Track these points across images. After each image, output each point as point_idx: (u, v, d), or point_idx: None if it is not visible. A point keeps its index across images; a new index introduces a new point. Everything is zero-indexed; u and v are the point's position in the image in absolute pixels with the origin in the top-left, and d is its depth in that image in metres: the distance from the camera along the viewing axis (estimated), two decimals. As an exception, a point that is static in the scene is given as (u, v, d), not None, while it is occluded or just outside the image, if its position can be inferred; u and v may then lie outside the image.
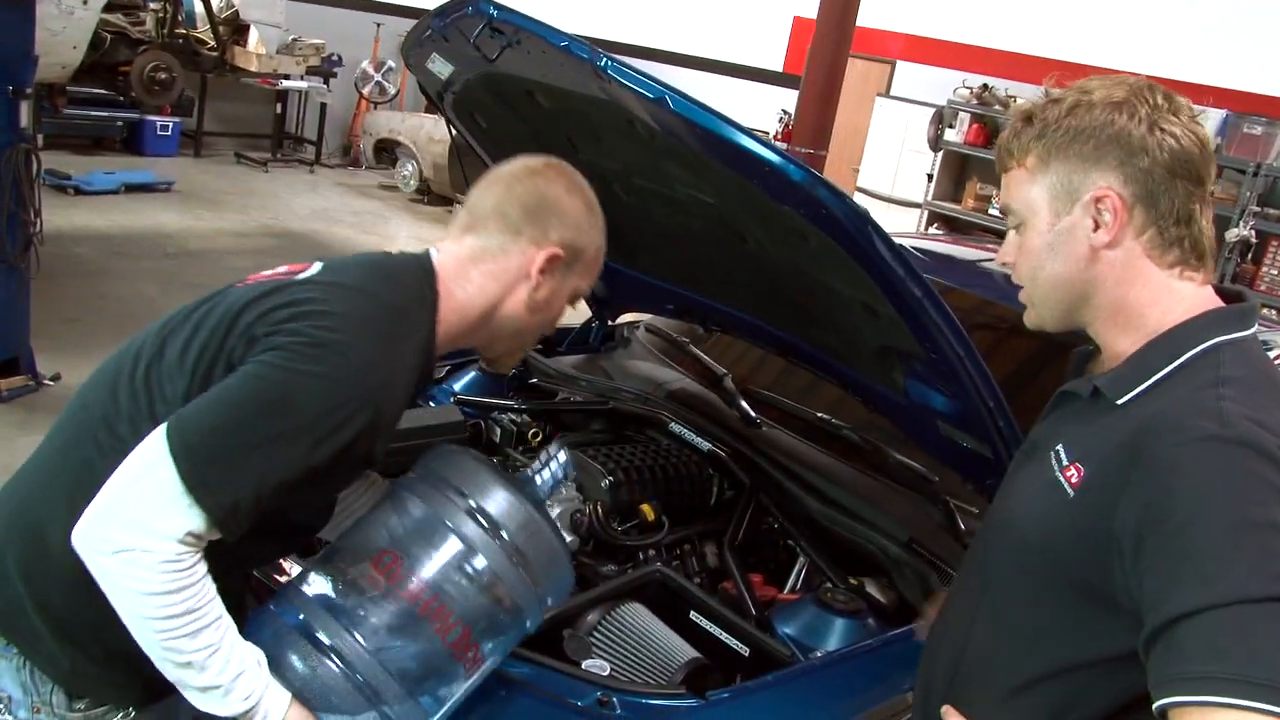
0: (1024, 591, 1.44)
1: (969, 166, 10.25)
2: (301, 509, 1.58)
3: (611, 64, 1.86)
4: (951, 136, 9.91)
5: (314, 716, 1.45)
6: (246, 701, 1.40)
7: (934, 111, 9.92)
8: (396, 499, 1.61)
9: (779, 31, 12.13)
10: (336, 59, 12.20)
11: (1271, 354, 3.80)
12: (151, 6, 10.64)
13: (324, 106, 12.18)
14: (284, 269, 1.62)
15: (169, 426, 1.37)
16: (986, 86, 9.68)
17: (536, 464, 1.72)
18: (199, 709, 1.41)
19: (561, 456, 1.72)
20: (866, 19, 8.54)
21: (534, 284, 1.66)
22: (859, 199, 10.40)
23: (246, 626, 1.49)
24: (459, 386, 3.07)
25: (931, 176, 10.20)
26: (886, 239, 1.75)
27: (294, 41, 11.51)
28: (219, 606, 1.41)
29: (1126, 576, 1.26)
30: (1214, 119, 8.43)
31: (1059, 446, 1.42)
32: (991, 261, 3.96)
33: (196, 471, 1.35)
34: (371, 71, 12.42)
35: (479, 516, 1.55)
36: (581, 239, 1.69)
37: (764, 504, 2.54)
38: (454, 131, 2.78)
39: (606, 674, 1.87)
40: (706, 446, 2.65)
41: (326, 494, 1.65)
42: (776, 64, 12.15)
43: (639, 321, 3.64)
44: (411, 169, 11.16)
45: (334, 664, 1.46)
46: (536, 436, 2.81)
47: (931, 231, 9.26)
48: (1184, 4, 9.55)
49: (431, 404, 3.00)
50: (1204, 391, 1.29)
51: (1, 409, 4.88)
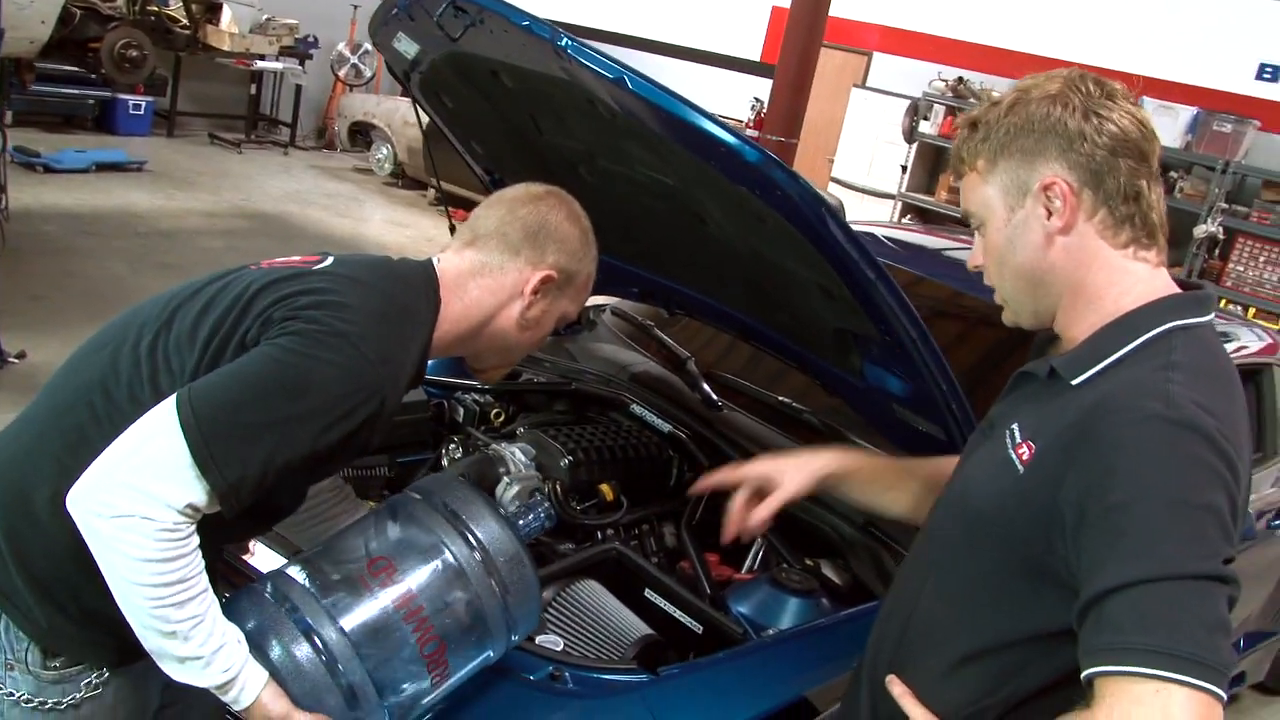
0: (971, 565, 1.48)
1: (943, 158, 10.29)
2: (284, 492, 1.60)
3: (571, 43, 1.86)
4: (926, 128, 9.96)
5: (286, 697, 1.46)
6: (225, 674, 1.42)
7: (909, 103, 9.96)
8: (396, 512, 1.66)
9: (757, 21, 12.14)
10: (313, 41, 12.14)
11: (1231, 346, 3.85)
12: (123, -18, 10.55)
13: (299, 88, 12.12)
14: (298, 259, 1.67)
15: (179, 398, 1.39)
16: (962, 79, 9.72)
17: (524, 508, 1.80)
18: (175, 678, 1.43)
19: (546, 505, 1.81)
20: (844, 10, 8.58)
21: (527, 302, 1.74)
22: (834, 189, 10.46)
23: (229, 605, 1.51)
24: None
25: (906, 168, 10.25)
26: (840, 220, 1.77)
27: (268, 21, 11.42)
28: (206, 580, 1.43)
29: (1066, 550, 1.30)
30: (1184, 116, 8.51)
31: (1013, 425, 1.46)
32: (961, 250, 3.99)
33: (207, 445, 1.37)
34: (347, 54, 12.35)
35: (473, 543, 1.61)
36: (575, 264, 1.78)
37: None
38: (420, 111, 2.78)
39: (559, 649, 1.89)
40: (667, 428, 2.67)
41: (317, 479, 1.71)
42: (754, 53, 12.17)
43: (605, 305, 3.65)
44: (386, 152, 11.12)
45: (314, 651, 1.48)
46: (499, 417, 2.82)
47: (904, 222, 9.30)
48: (1157, 2, 9.62)
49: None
50: (1154, 374, 1.32)
51: (-35, 385, 4.85)
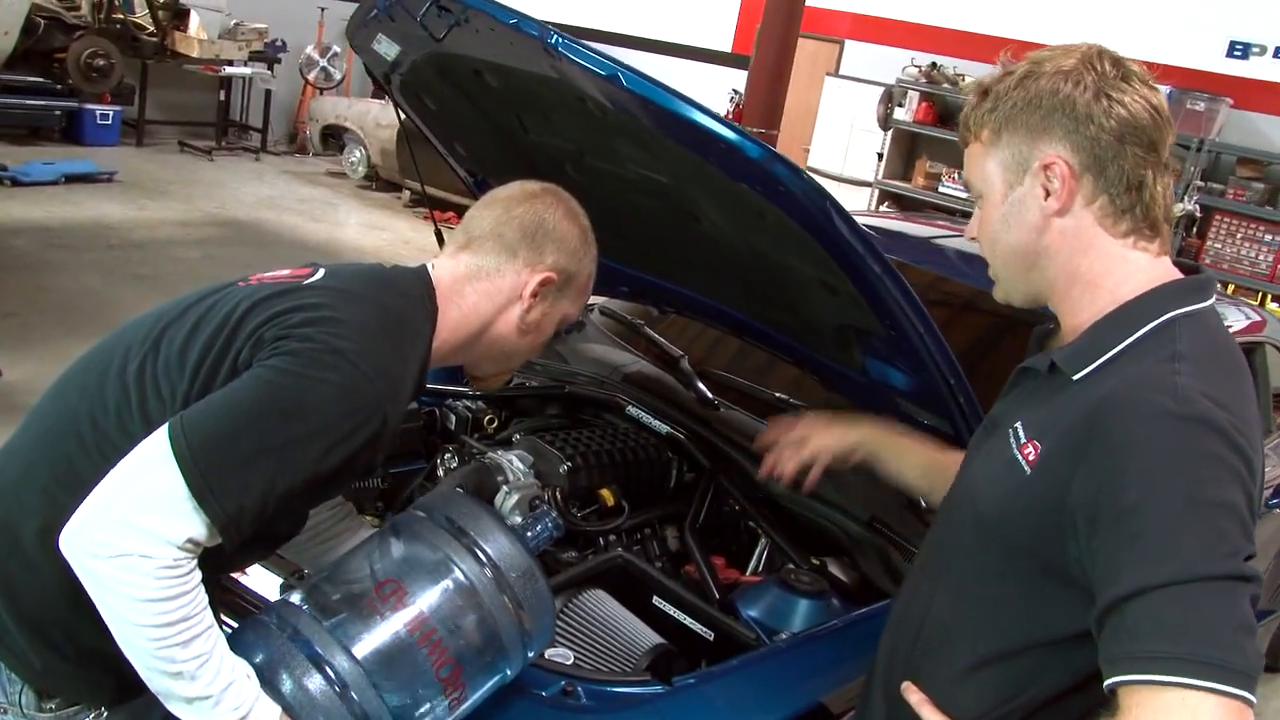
0: (982, 568, 1.44)
1: (919, 144, 10.31)
2: (285, 518, 1.53)
3: (562, 41, 1.82)
4: (901, 115, 9.96)
5: None
6: (236, 712, 1.36)
7: (883, 90, 9.96)
8: (401, 532, 1.61)
9: (727, 12, 12.10)
10: (281, 44, 12.02)
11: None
12: (86, -10, 10.40)
13: (269, 93, 12.00)
14: (286, 272, 1.60)
15: (172, 429, 1.33)
16: (935, 65, 9.73)
17: (531, 519, 1.76)
18: (182, 719, 1.37)
19: (553, 514, 1.78)
20: (815, -2, 8.55)
21: (526, 306, 1.69)
22: (811, 179, 10.50)
23: (235, 639, 1.45)
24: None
25: (882, 155, 10.24)
26: (845, 215, 1.73)
27: (236, 26, 11.29)
28: (210, 615, 1.37)
29: (1081, 553, 1.26)
30: (1158, 94, 8.51)
31: (1017, 424, 1.42)
32: (943, 238, 3.96)
33: (204, 477, 1.31)
34: (316, 57, 12.24)
35: (483, 559, 1.56)
36: (575, 264, 1.72)
37: (724, 486, 2.52)
38: (401, 114, 2.72)
39: (570, 663, 1.85)
40: (665, 429, 2.63)
41: (319, 503, 1.63)
42: (725, 44, 12.13)
43: (592, 304, 3.60)
44: (359, 155, 11.02)
45: (327, 682, 1.43)
46: (492, 423, 2.77)
47: (883, 210, 9.30)
48: (1127, -19, 9.64)
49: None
50: (1159, 367, 1.28)
51: (-60, 406, 4.76)
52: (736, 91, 10.71)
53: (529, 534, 1.70)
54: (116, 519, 1.30)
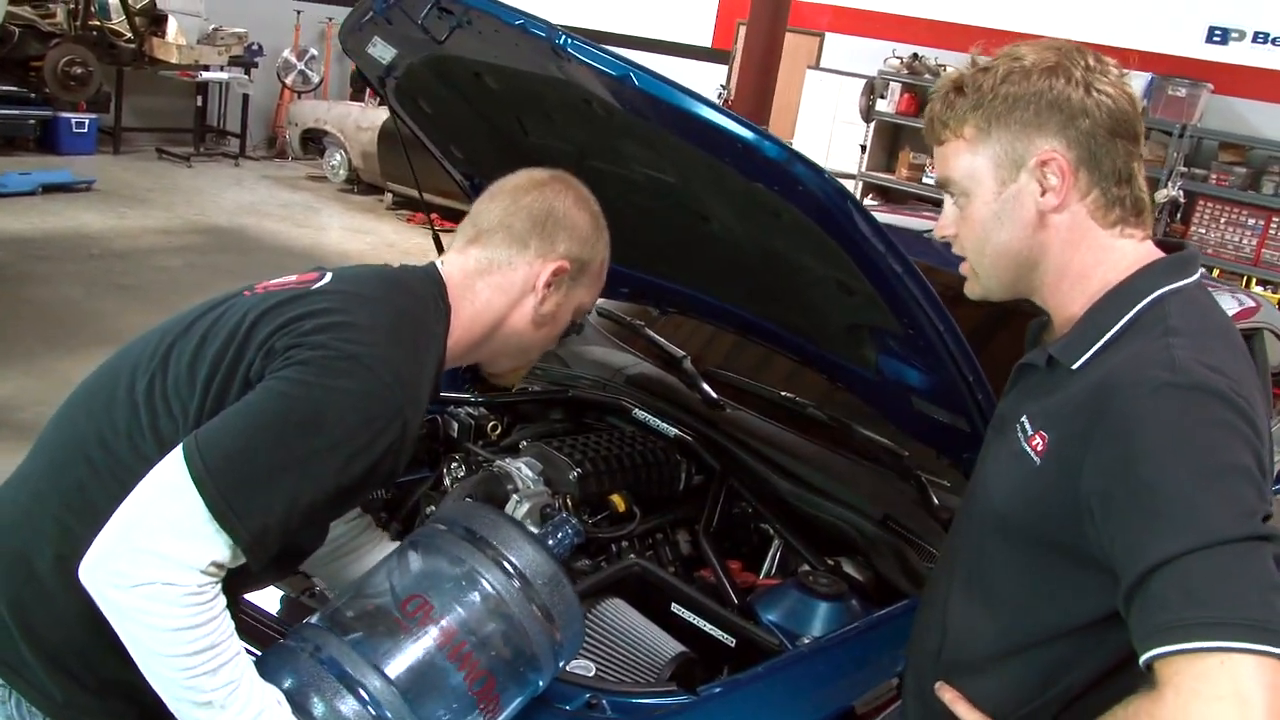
0: (1004, 562, 1.45)
1: (901, 136, 10.32)
2: (307, 532, 1.49)
3: (571, 41, 1.78)
4: (883, 107, 9.96)
5: None
6: None
7: (865, 82, 9.94)
8: (423, 546, 1.58)
9: (707, 7, 12.07)
10: (257, 48, 11.92)
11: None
12: (61, -2, 10.29)
13: (246, 97, 11.90)
14: (293, 278, 1.56)
15: (187, 449, 1.29)
16: (916, 56, 9.73)
17: (551, 527, 1.73)
18: None
19: (572, 520, 1.74)
20: (795, -8, 8.52)
21: (540, 297, 1.64)
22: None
23: (262, 665, 1.41)
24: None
25: (865, 147, 10.24)
26: (866, 214, 1.71)
27: (215, 31, 11.20)
28: (237, 641, 1.34)
29: (1099, 535, 1.26)
30: (1139, 82, 8.53)
31: (1023, 418, 1.43)
32: (930, 231, 3.93)
33: (224, 497, 1.27)
34: (294, 60, 12.14)
35: (509, 569, 1.53)
36: (588, 251, 1.68)
37: (736, 488, 2.49)
38: (398, 119, 2.68)
39: (592, 675, 1.82)
40: (673, 432, 2.59)
41: (341, 514, 1.59)
42: (705, 40, 12.11)
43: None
44: (340, 158, 10.95)
45: (360, 704, 1.39)
46: (496, 429, 2.73)
47: (867, 202, 9.29)
48: (1106, -32, 9.66)
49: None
50: (1154, 343, 1.30)
51: (-76, 424, 4.68)
52: (724, 87, 10.69)
53: (551, 542, 1.67)
54: (137, 547, 1.26)
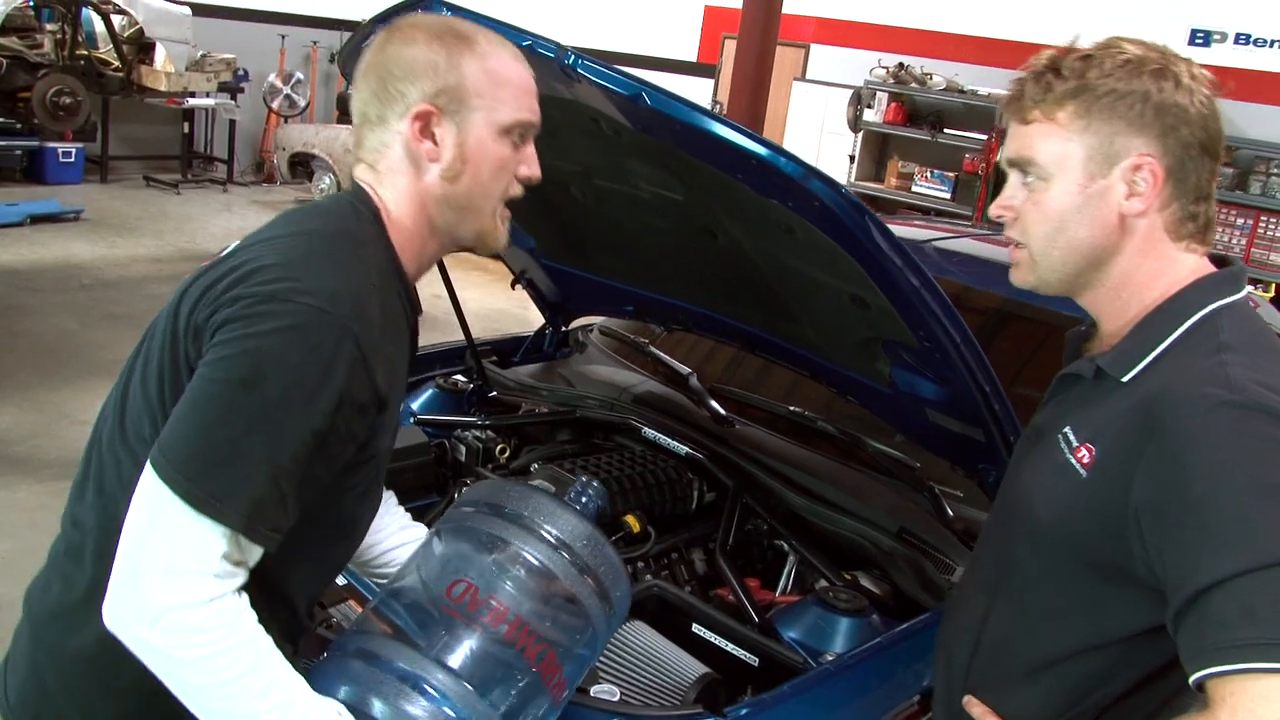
0: (1042, 575, 1.43)
1: (890, 145, 10.32)
2: (333, 495, 1.41)
3: (581, 61, 1.77)
4: (871, 116, 9.97)
5: None
6: None
7: (852, 93, 9.97)
8: (455, 531, 1.56)
9: (691, 21, 12.10)
10: (243, 73, 11.90)
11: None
12: (49, 28, 10.24)
13: (233, 123, 11.88)
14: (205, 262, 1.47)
15: (153, 458, 1.25)
16: (902, 65, 9.74)
17: (573, 490, 1.69)
18: None
19: (583, 478, 1.71)
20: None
21: (428, 153, 1.45)
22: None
23: (313, 678, 1.36)
24: (417, 405, 2.98)
25: (853, 157, 10.24)
26: (884, 229, 1.70)
27: (204, 57, 11.18)
28: (281, 659, 1.29)
29: (1147, 552, 1.25)
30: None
31: (1066, 429, 1.41)
32: (924, 240, 3.91)
33: (198, 485, 1.22)
34: (280, 84, 12.13)
35: (547, 537, 1.51)
36: (445, 77, 1.44)
37: (750, 504, 2.47)
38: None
39: (617, 699, 1.80)
40: (684, 450, 2.58)
41: (343, 461, 1.40)
42: (691, 54, 12.13)
43: (591, 325, 3.56)
44: (329, 181, 10.91)
45: (427, 701, 1.35)
46: (504, 452, 2.72)
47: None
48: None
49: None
50: (1207, 359, 1.29)
51: (-81, 459, 4.65)
52: (717, 102, 10.71)
53: (581, 502, 1.65)
54: (142, 572, 1.23)
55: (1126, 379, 1.35)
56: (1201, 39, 9.42)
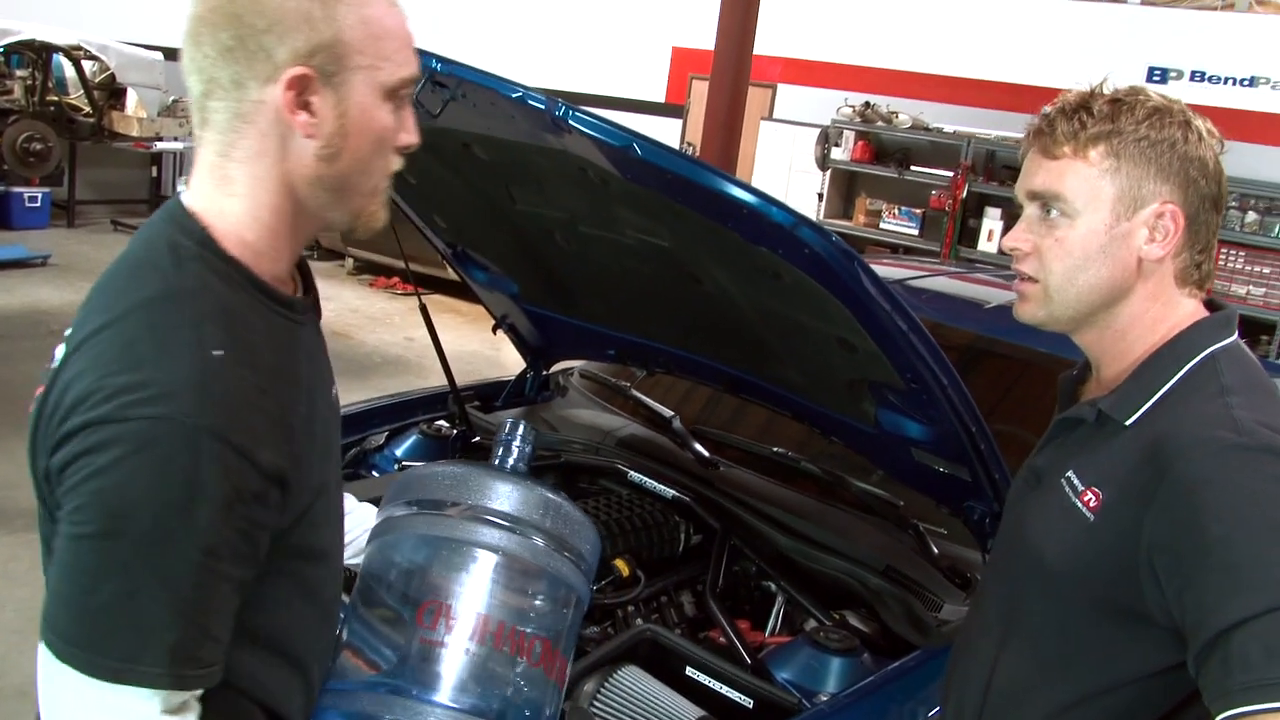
0: (1052, 618, 1.44)
1: (857, 183, 10.43)
2: (272, 598, 1.24)
3: (571, 112, 1.80)
4: (838, 155, 10.08)
5: None
6: None
7: (819, 132, 10.08)
8: (401, 539, 1.43)
9: (659, 62, 12.23)
10: (212, 117, 11.89)
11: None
12: (19, 74, 10.21)
13: (201, 166, 11.83)
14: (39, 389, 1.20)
15: (44, 639, 1.09)
16: (868, 104, 9.87)
17: (499, 446, 1.54)
18: None
19: (520, 427, 1.53)
20: (748, 46, 8.64)
21: (303, 128, 1.18)
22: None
23: None
24: (401, 452, 2.97)
25: (822, 195, 10.34)
26: (872, 275, 1.72)
27: (175, 103, 11.17)
28: None
29: (1163, 594, 1.26)
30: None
31: (1069, 473, 1.42)
32: (901, 278, 3.96)
33: (101, 654, 1.06)
34: (248, 127, 12.11)
35: (495, 519, 1.39)
36: (322, 31, 1.15)
37: (738, 546, 2.49)
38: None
39: (615, 745, 1.80)
40: (671, 493, 2.59)
41: (264, 546, 1.18)
42: (659, 95, 12.25)
43: (571, 368, 3.57)
44: (298, 223, 10.88)
45: None
46: (491, 497, 2.71)
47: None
48: (1051, 14, 9.91)
49: (375, 474, 2.89)
50: (1211, 402, 1.31)
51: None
52: (689, 144, 10.81)
53: (510, 463, 1.51)
54: None
55: (1129, 422, 1.37)
56: (1159, 76, 9.64)
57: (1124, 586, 1.31)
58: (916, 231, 9.70)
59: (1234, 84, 9.23)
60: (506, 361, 7.76)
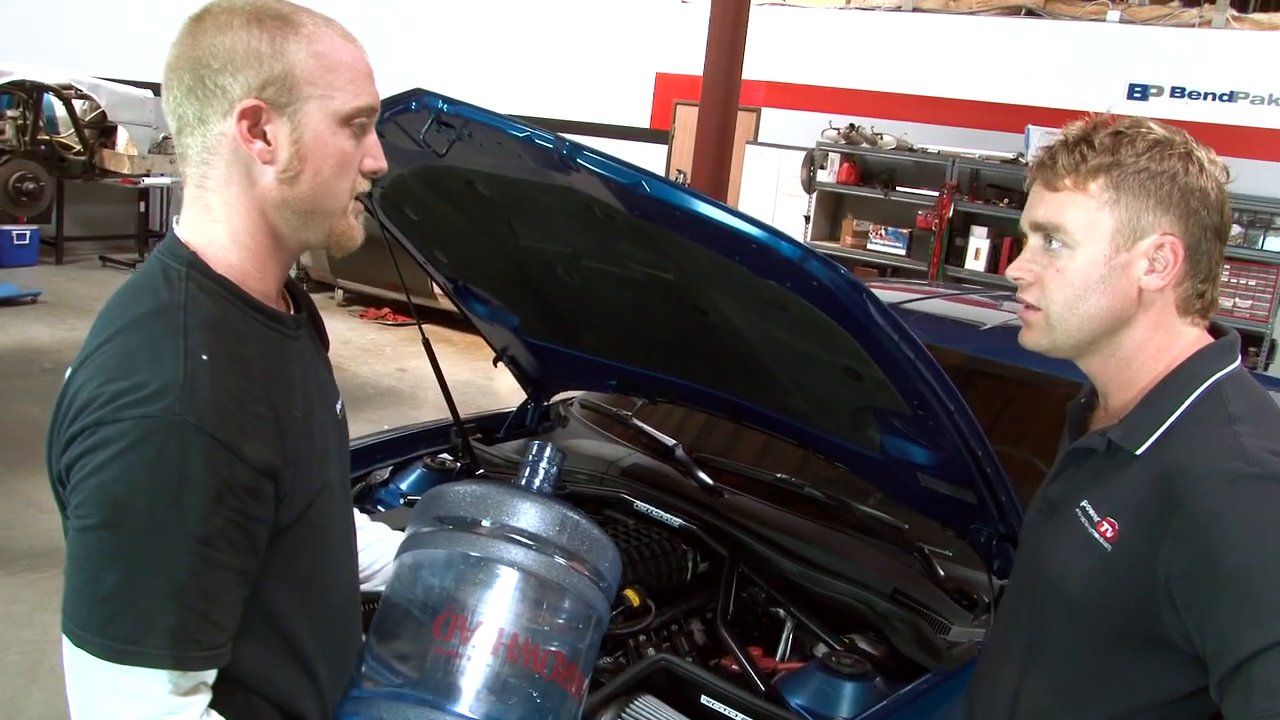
0: (1074, 646, 1.46)
1: (843, 204, 10.50)
2: (280, 589, 1.32)
3: (582, 153, 1.83)
4: (824, 177, 10.15)
5: None
6: None
7: (805, 154, 10.15)
8: (422, 556, 1.46)
9: (643, 89, 12.29)
10: (201, 152, 11.91)
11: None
12: (10, 114, 10.22)
13: (189, 201, 11.84)
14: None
15: (64, 627, 1.19)
16: (853, 126, 9.95)
17: (525, 467, 1.57)
18: None
19: (547, 449, 1.57)
20: (732, 71, 8.70)
21: (260, 155, 1.28)
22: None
23: None
24: (406, 486, 2.98)
25: (808, 218, 10.40)
26: (880, 305, 1.75)
27: (166, 139, 11.17)
28: None
29: (1183, 622, 1.29)
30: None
31: (1084, 503, 1.44)
32: (897, 301, 4.00)
33: (110, 638, 1.16)
34: (235, 161, 12.11)
35: (520, 539, 1.42)
36: (271, 66, 1.26)
37: (746, 573, 2.50)
38: (383, 227, 2.70)
39: (634, 776, 1.81)
40: (678, 522, 2.61)
41: (264, 540, 1.28)
42: (644, 121, 12.31)
43: (571, 398, 3.59)
44: (288, 257, 10.89)
45: None
46: (496, 529, 2.72)
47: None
48: (1030, 34, 10.01)
49: (380, 508, 2.90)
50: (1220, 431, 1.34)
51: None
52: (681, 172, 10.86)
53: (536, 484, 1.54)
54: None
55: (1140, 452, 1.40)
56: (1139, 93, 9.72)
57: (1143, 615, 1.34)
58: (904, 251, 9.76)
59: (1214, 99, 9.32)
60: (500, 390, 7.77)
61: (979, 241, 9.21)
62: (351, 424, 1.66)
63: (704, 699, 2.05)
